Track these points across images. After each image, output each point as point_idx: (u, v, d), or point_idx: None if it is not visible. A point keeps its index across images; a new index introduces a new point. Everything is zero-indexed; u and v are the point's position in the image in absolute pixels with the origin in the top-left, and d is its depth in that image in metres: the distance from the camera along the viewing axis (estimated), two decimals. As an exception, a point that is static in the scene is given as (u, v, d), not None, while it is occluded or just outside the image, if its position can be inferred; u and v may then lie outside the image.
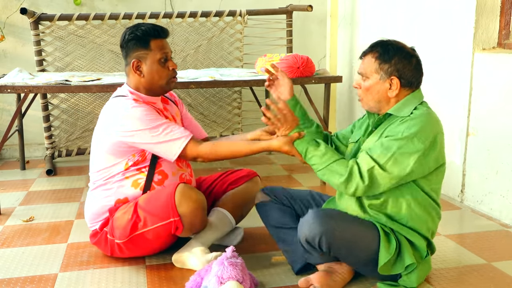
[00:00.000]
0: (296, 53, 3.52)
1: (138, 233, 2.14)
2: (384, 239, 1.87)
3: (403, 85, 1.93)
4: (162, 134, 2.10)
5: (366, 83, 1.96)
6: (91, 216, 2.29)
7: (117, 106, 2.17)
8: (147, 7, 4.11)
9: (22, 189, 3.41)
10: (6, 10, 4.04)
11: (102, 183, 2.24)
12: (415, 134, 1.84)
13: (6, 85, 3.05)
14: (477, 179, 2.91)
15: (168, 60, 2.22)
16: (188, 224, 2.12)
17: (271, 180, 3.55)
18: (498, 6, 2.84)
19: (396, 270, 1.89)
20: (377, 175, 1.84)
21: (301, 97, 4.36)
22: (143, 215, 2.12)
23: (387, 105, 1.96)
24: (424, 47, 3.29)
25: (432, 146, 1.87)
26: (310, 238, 1.86)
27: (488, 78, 2.79)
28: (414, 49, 1.99)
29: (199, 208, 2.12)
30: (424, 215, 1.95)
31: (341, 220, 1.90)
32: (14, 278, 2.16)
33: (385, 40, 1.98)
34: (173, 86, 2.28)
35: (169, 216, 2.09)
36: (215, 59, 4.22)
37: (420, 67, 1.97)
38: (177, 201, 2.07)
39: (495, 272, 2.16)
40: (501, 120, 2.70)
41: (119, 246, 2.21)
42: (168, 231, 2.12)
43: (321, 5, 4.48)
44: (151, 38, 2.18)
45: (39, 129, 4.08)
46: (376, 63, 1.93)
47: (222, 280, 1.83)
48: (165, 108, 2.33)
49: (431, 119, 1.91)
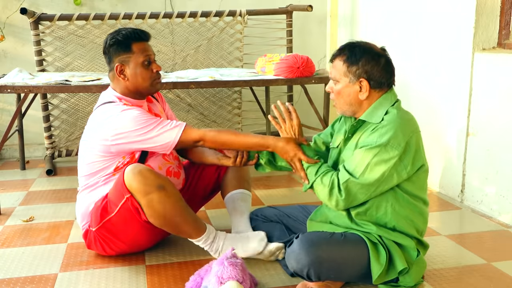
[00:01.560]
0: (296, 53, 3.53)
1: (107, 219, 2.15)
2: (373, 251, 1.87)
3: (373, 87, 1.92)
4: (156, 129, 2.11)
5: (337, 87, 1.96)
6: (81, 218, 2.30)
7: (108, 111, 2.18)
8: (147, 7, 4.11)
9: (22, 189, 3.41)
10: (6, 10, 4.03)
11: (90, 184, 2.25)
12: (387, 142, 1.83)
13: (6, 85, 3.05)
14: (477, 179, 2.91)
15: (152, 63, 2.25)
16: (146, 202, 2.05)
17: (271, 180, 3.54)
18: (498, 6, 2.84)
19: (390, 276, 1.90)
20: (352, 187, 1.85)
21: (301, 97, 4.39)
22: (108, 198, 2.15)
23: (360, 108, 1.95)
24: (424, 47, 3.29)
25: (407, 150, 1.86)
26: (299, 270, 1.85)
27: (488, 78, 2.79)
28: (384, 49, 1.97)
29: (150, 183, 2.04)
30: (410, 216, 1.95)
31: (327, 245, 1.87)
32: (14, 278, 2.16)
33: (353, 42, 1.97)
34: (158, 87, 2.31)
35: (123, 194, 2.08)
36: (215, 59, 4.22)
37: (390, 67, 1.95)
38: (126, 177, 2.06)
39: (495, 272, 2.16)
40: (501, 120, 2.70)
41: (96, 236, 2.21)
42: (130, 212, 2.10)
43: (321, 5, 4.48)
44: (132, 42, 2.21)
45: (39, 129, 4.07)
46: (345, 66, 1.92)
47: (222, 280, 1.83)
48: (149, 107, 2.35)
49: (402, 122, 1.88)
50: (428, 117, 3.26)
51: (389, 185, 1.88)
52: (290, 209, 2.38)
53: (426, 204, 2.01)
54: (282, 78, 3.39)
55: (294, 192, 3.24)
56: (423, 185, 1.99)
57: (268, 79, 3.41)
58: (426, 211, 2.02)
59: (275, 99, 4.40)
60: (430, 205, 2.99)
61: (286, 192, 3.25)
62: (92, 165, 2.23)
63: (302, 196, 2.88)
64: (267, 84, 3.64)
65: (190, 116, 4.26)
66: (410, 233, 1.96)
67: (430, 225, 2.66)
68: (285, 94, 4.42)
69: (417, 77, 3.37)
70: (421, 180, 1.97)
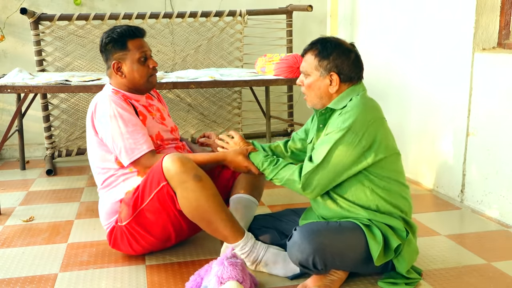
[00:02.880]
0: (296, 53, 3.52)
1: (139, 210, 2.12)
2: (369, 233, 1.90)
3: (343, 80, 1.98)
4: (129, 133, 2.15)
5: (307, 80, 2.02)
6: (104, 216, 2.28)
7: (96, 100, 2.23)
8: (147, 7, 4.12)
9: (22, 189, 3.41)
10: (6, 10, 4.04)
11: (107, 179, 2.25)
12: (349, 127, 1.88)
13: (6, 85, 3.05)
14: (477, 179, 2.91)
15: (148, 59, 2.28)
16: (181, 191, 2.02)
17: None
18: (498, 6, 2.84)
19: (389, 256, 1.91)
20: (315, 174, 1.92)
21: (301, 97, 4.36)
22: (140, 189, 2.12)
23: (330, 101, 2.00)
24: (424, 47, 3.29)
25: (368, 136, 1.89)
26: (304, 260, 1.86)
27: (488, 78, 2.79)
28: (354, 44, 2.04)
29: (187, 171, 2.01)
30: (389, 198, 1.97)
31: (327, 232, 1.89)
32: (14, 278, 2.16)
33: (324, 37, 2.03)
34: (155, 82, 2.33)
35: (159, 182, 2.05)
36: (215, 59, 4.22)
37: (359, 62, 2.01)
38: (164, 163, 2.04)
39: (495, 272, 2.16)
40: (501, 120, 2.70)
41: (123, 232, 2.19)
42: (164, 201, 2.07)
43: (321, 5, 4.48)
44: (127, 39, 2.24)
45: (39, 129, 4.08)
46: (316, 60, 1.98)
47: (222, 280, 1.83)
48: (149, 104, 2.37)
49: (364, 108, 1.92)
50: (428, 117, 3.26)
51: (354, 169, 1.91)
52: (280, 213, 2.39)
53: (405, 186, 2.03)
54: (282, 78, 3.39)
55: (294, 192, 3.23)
56: (396, 169, 2.01)
57: (268, 79, 3.41)
58: (407, 192, 2.04)
59: (275, 99, 4.41)
60: (430, 205, 3.02)
61: (286, 192, 3.25)
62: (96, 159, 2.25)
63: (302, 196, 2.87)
64: (267, 84, 3.64)
65: (190, 116, 4.27)
66: (395, 214, 1.98)
67: (430, 225, 2.67)
68: (285, 94, 4.42)
69: (417, 77, 3.37)
70: (393, 164, 1.99)
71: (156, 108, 2.39)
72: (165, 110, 2.47)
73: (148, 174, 2.12)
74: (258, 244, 2.11)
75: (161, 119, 2.38)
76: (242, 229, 2.10)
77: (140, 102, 2.32)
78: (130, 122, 2.17)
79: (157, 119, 2.35)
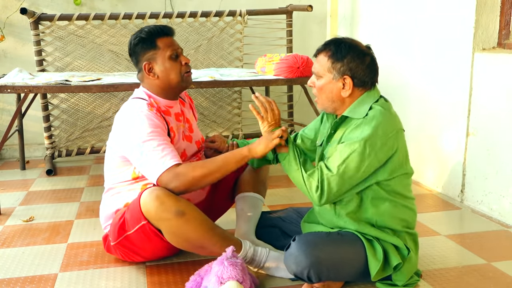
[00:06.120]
0: (296, 53, 3.53)
1: (124, 236, 2.08)
2: (370, 248, 1.88)
3: (356, 85, 1.90)
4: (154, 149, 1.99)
5: (319, 82, 1.93)
6: (103, 219, 2.26)
7: (129, 110, 2.11)
8: (147, 7, 4.11)
9: (22, 189, 3.41)
10: (6, 10, 4.03)
11: (112, 186, 2.20)
12: (368, 137, 1.81)
13: (6, 85, 3.05)
14: (477, 179, 2.91)
15: (179, 55, 2.19)
16: (165, 229, 1.96)
17: (271, 180, 3.50)
18: (498, 6, 2.84)
19: (387, 272, 1.90)
20: (330, 182, 1.82)
21: (301, 97, 4.38)
22: (125, 217, 2.06)
23: (342, 105, 1.93)
24: (424, 47, 3.29)
25: (387, 148, 1.84)
26: (299, 272, 1.85)
27: (488, 78, 2.79)
28: (370, 47, 1.95)
29: (168, 209, 1.91)
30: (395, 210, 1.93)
31: (325, 245, 1.86)
32: (14, 278, 2.16)
33: (339, 38, 1.95)
34: (190, 80, 2.23)
35: (139, 220, 1.98)
36: (215, 59, 4.22)
37: (374, 66, 1.93)
38: (142, 202, 1.95)
39: (495, 272, 2.16)
40: (501, 120, 2.70)
41: (118, 250, 2.18)
42: (149, 235, 2.01)
43: (321, 5, 4.48)
44: (156, 37, 2.15)
45: (39, 129, 4.07)
46: (329, 62, 1.89)
47: (222, 280, 1.83)
48: (182, 111, 2.28)
49: (386, 119, 1.86)
50: (428, 117, 3.26)
51: (368, 180, 1.87)
52: (284, 213, 2.37)
53: (411, 198, 2.00)
54: (282, 78, 3.39)
55: (294, 192, 3.24)
56: (406, 183, 1.98)
57: (268, 79, 3.41)
58: (413, 203, 2.01)
59: (275, 99, 4.41)
60: (430, 205, 3.01)
61: (286, 192, 3.25)
62: (112, 164, 2.18)
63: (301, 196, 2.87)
64: (267, 84, 3.64)
65: (190, 116, 4.27)
66: (399, 228, 1.95)
67: (430, 225, 2.67)
68: (285, 94, 4.42)
69: (417, 77, 3.37)
70: (404, 180, 1.96)
71: (185, 119, 2.29)
72: (194, 121, 2.37)
73: (131, 205, 2.04)
74: (258, 251, 2.08)
75: (189, 131, 2.29)
76: (238, 241, 2.06)
77: (173, 109, 2.21)
78: (159, 136, 2.03)
79: (185, 129, 2.26)
